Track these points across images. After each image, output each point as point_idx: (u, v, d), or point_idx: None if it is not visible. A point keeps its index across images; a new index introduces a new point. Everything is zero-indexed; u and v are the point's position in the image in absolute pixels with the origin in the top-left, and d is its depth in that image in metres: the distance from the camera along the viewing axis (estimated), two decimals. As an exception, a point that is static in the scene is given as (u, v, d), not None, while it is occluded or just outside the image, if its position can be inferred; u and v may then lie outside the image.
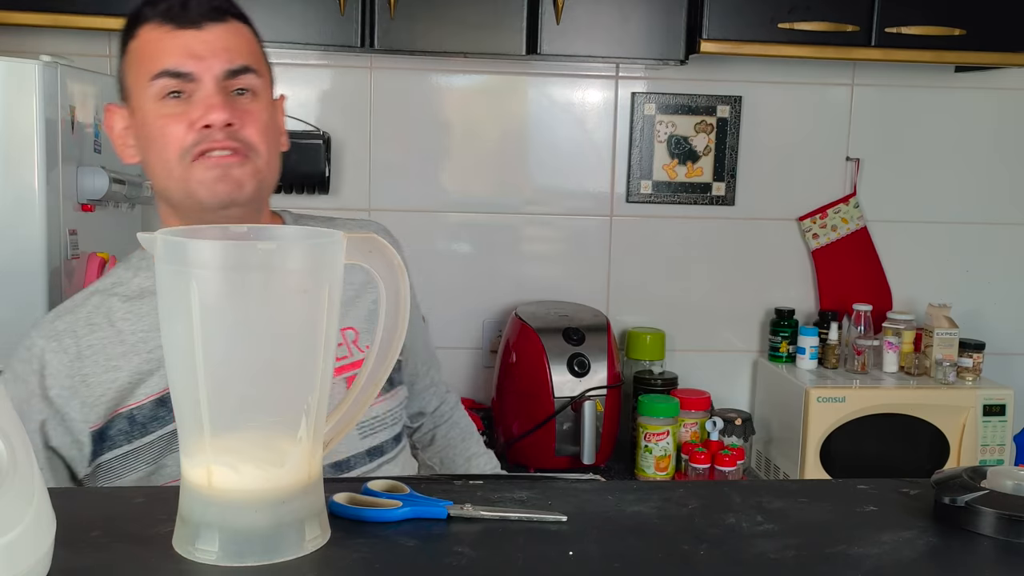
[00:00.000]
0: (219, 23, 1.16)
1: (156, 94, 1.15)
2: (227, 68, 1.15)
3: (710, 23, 2.31)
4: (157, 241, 0.76)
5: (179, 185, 1.15)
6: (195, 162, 1.14)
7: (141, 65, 1.16)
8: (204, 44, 1.14)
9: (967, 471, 0.91)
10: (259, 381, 0.77)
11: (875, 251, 2.77)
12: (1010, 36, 2.39)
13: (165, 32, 1.15)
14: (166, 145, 1.15)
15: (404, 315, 0.87)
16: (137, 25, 1.18)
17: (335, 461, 1.23)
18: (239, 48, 1.17)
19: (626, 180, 2.70)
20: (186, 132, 1.14)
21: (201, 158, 1.14)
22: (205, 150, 1.14)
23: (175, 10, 1.14)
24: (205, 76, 1.14)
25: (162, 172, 1.16)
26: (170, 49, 1.14)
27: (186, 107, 1.14)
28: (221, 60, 1.14)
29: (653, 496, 0.95)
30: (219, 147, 1.13)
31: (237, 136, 1.15)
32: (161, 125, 1.15)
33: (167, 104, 1.15)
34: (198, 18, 1.15)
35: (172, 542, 0.79)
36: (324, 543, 0.80)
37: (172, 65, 1.14)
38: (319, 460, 0.81)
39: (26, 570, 0.66)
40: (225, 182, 1.15)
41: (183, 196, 1.16)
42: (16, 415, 0.72)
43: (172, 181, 1.16)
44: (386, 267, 0.86)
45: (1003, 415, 2.47)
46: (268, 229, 0.83)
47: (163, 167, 1.16)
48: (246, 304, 0.76)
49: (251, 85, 1.17)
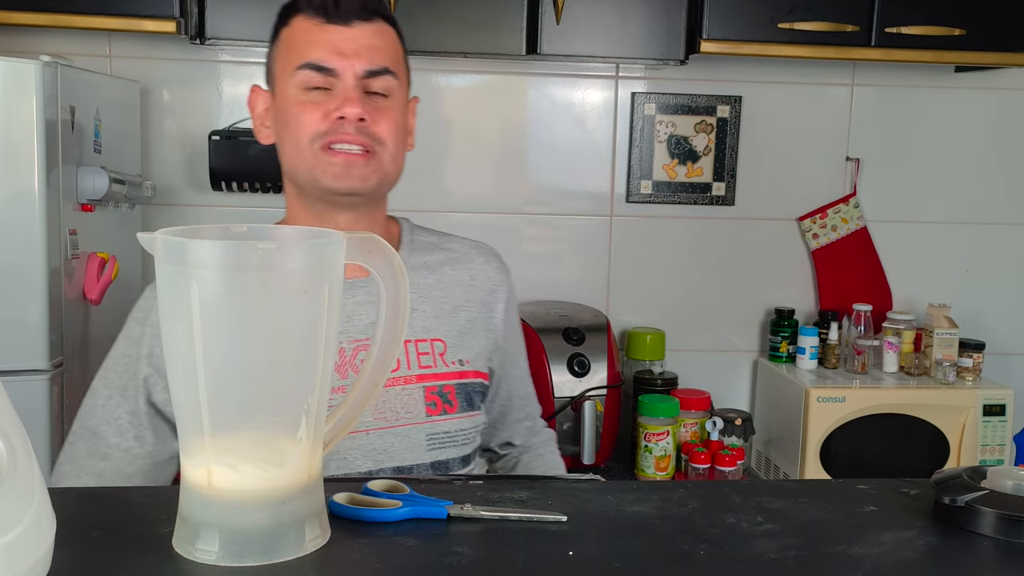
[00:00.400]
0: (367, 22, 1.22)
1: (299, 84, 1.21)
2: (368, 68, 1.20)
3: (710, 23, 2.31)
4: (157, 241, 0.76)
5: (307, 169, 1.22)
6: (323, 150, 1.20)
7: (289, 54, 1.23)
8: (350, 41, 1.20)
9: (967, 471, 0.91)
10: (259, 381, 0.77)
11: (875, 251, 2.77)
12: (1010, 36, 2.39)
13: (315, 25, 1.21)
14: (300, 129, 1.21)
15: (404, 316, 0.87)
16: (291, 15, 1.24)
17: (398, 466, 1.23)
18: (382, 49, 1.22)
19: (626, 180, 2.70)
20: (320, 120, 1.20)
21: (329, 150, 1.20)
22: (335, 141, 1.20)
23: (328, 5, 1.20)
24: (347, 73, 1.20)
25: (293, 154, 1.23)
26: (318, 43, 1.20)
27: (324, 99, 1.20)
28: (363, 60, 1.20)
29: (653, 496, 0.95)
30: (349, 140, 1.19)
31: (367, 131, 1.20)
32: (298, 111, 1.21)
33: (307, 94, 1.21)
34: (348, 15, 1.20)
35: (172, 542, 0.79)
36: (324, 543, 0.80)
37: (317, 59, 1.20)
38: (319, 460, 0.81)
39: (26, 570, 0.66)
40: (348, 176, 1.21)
41: (308, 179, 1.23)
42: (16, 415, 0.72)
43: (301, 163, 1.22)
44: (386, 267, 0.86)
45: (1003, 415, 2.47)
46: (268, 229, 0.83)
47: (295, 150, 1.22)
48: (246, 304, 0.75)
49: (388, 87, 1.23)
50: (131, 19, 2.18)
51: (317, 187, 1.23)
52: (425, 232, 1.39)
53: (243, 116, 2.55)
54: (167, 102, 2.55)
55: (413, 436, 1.23)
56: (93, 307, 2.07)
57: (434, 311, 1.29)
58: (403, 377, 1.24)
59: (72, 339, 1.98)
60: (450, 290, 1.32)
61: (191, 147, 2.56)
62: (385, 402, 1.23)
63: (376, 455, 1.21)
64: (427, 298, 1.30)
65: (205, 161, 2.48)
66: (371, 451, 1.21)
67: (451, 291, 1.32)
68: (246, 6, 2.25)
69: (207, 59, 2.54)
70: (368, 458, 1.21)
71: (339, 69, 1.20)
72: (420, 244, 1.36)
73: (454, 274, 1.33)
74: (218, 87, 2.56)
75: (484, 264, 1.36)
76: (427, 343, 1.26)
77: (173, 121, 2.56)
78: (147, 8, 2.18)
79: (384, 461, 1.22)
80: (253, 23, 2.27)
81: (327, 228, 1.24)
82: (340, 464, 1.20)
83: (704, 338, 2.78)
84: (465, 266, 1.34)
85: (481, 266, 1.35)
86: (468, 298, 1.31)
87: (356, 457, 1.21)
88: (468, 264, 1.34)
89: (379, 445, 1.22)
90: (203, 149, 2.50)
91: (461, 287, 1.32)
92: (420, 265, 1.32)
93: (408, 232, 1.37)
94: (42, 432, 1.88)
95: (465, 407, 1.28)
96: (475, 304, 1.32)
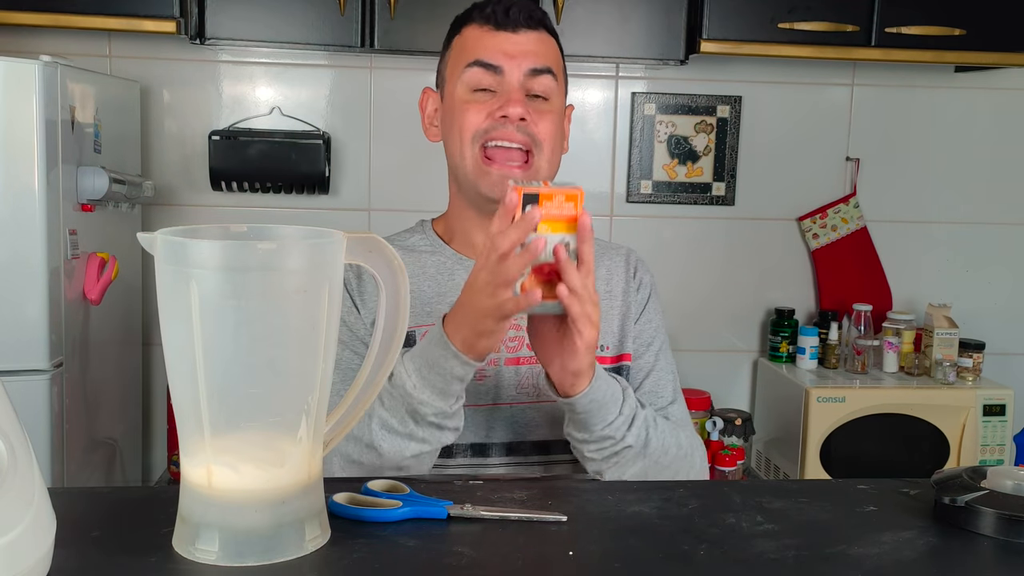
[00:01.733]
0: (532, 31, 1.31)
1: (467, 82, 1.29)
2: (531, 67, 1.29)
3: (710, 23, 2.31)
4: (157, 241, 0.76)
5: (468, 168, 1.29)
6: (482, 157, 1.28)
7: (459, 56, 1.31)
8: (516, 45, 1.29)
9: (967, 471, 0.91)
10: (259, 381, 0.77)
11: (875, 251, 2.77)
12: (1010, 36, 2.39)
13: (485, 31, 1.30)
14: (464, 127, 1.28)
15: (404, 315, 0.88)
16: (463, 24, 1.33)
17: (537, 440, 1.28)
18: (545, 53, 1.31)
19: (626, 180, 2.70)
20: (484, 119, 1.28)
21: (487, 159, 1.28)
22: (495, 137, 1.27)
23: (499, 14, 1.30)
24: (512, 72, 1.28)
25: (456, 151, 1.30)
26: (487, 45, 1.29)
27: (489, 99, 1.29)
28: (528, 60, 1.29)
29: (653, 496, 0.95)
30: (509, 139, 1.27)
31: (527, 131, 1.27)
32: (464, 109, 1.29)
33: (473, 94, 1.29)
34: (516, 23, 1.30)
35: (172, 542, 0.79)
36: (324, 543, 0.80)
37: (486, 58, 1.28)
38: (319, 460, 0.81)
39: (26, 570, 0.66)
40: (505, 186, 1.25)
41: (467, 179, 1.30)
42: (16, 415, 0.72)
43: (463, 161, 1.29)
44: (386, 267, 0.86)
45: (1003, 415, 2.47)
46: (268, 229, 0.83)
47: (458, 147, 1.29)
48: (246, 304, 0.75)
49: (548, 88, 1.30)
50: (131, 19, 2.18)
51: (475, 192, 1.30)
52: None
53: (243, 116, 2.55)
54: (167, 102, 2.55)
55: (551, 412, 1.28)
56: (93, 307, 2.07)
57: None
58: None
59: (72, 339, 1.98)
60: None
61: (191, 147, 2.56)
62: (529, 379, 1.29)
63: (518, 427, 1.28)
64: None
65: (205, 161, 2.48)
66: (513, 423, 1.28)
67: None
68: (246, 6, 2.26)
69: (207, 59, 2.54)
70: (510, 430, 1.28)
71: (505, 67, 1.28)
72: None
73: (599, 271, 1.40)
74: (218, 87, 2.56)
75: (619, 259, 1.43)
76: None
77: (173, 121, 2.56)
78: (147, 8, 2.18)
79: (525, 434, 1.28)
80: (253, 23, 2.27)
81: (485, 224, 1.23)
82: (489, 433, 1.27)
83: (704, 338, 2.78)
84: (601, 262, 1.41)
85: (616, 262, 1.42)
86: (608, 289, 1.38)
87: (500, 428, 1.27)
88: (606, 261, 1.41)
89: (522, 418, 1.28)
90: (203, 149, 2.50)
91: (600, 280, 1.37)
92: None
93: None
94: (42, 432, 1.88)
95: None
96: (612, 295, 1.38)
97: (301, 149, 2.47)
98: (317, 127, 2.56)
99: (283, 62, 2.57)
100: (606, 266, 1.39)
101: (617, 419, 1.15)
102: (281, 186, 2.51)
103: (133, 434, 2.51)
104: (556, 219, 1.00)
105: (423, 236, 1.39)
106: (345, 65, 2.59)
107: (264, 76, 2.58)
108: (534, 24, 1.31)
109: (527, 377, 1.29)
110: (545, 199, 1.00)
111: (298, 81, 2.58)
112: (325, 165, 2.48)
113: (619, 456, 1.17)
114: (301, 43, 2.30)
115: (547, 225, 1.00)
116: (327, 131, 2.55)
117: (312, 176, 2.49)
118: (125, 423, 2.42)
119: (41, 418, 1.87)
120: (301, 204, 2.60)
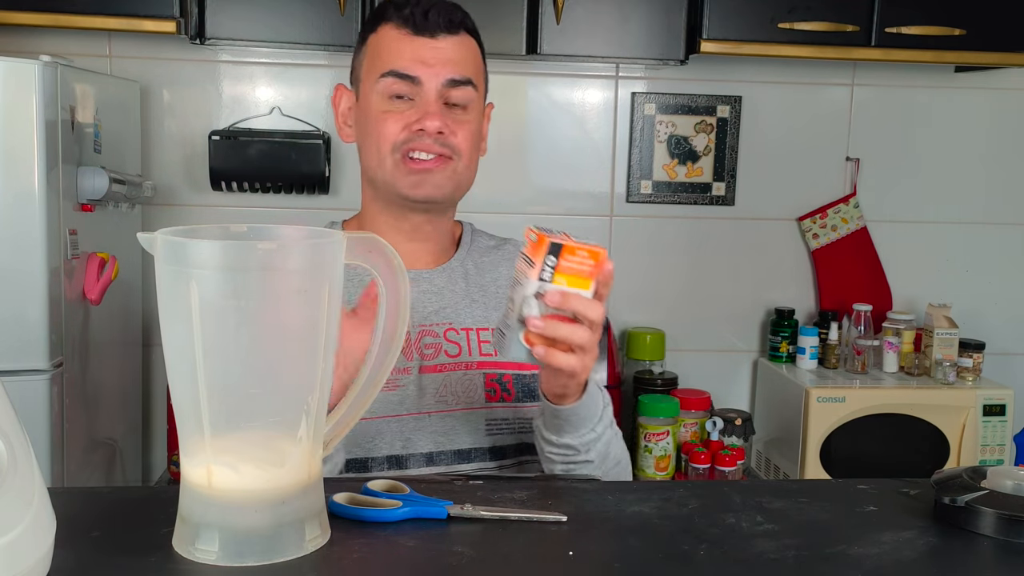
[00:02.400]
0: (452, 35, 1.27)
1: (382, 91, 1.27)
2: (450, 78, 1.26)
3: (710, 23, 2.31)
4: (157, 241, 0.76)
5: (386, 176, 1.28)
6: (403, 160, 1.26)
7: (375, 60, 1.29)
8: (434, 52, 1.26)
9: (967, 471, 0.91)
10: (259, 381, 0.77)
11: (875, 251, 2.77)
12: (1010, 36, 2.39)
13: (403, 35, 1.27)
14: (381, 138, 1.27)
15: (404, 315, 0.88)
16: (380, 21, 1.30)
17: (458, 448, 1.27)
18: (464, 61, 1.28)
19: (626, 180, 2.70)
20: (401, 130, 1.26)
21: (408, 159, 1.26)
22: (413, 149, 1.26)
23: (417, 17, 1.26)
24: (429, 83, 1.26)
25: (374, 160, 1.29)
26: (403, 52, 1.26)
27: (406, 108, 1.26)
28: (447, 70, 1.26)
29: (653, 496, 0.95)
30: (426, 150, 1.26)
31: (445, 142, 1.26)
32: (381, 119, 1.27)
33: (390, 103, 1.27)
34: (435, 28, 1.26)
35: (172, 542, 0.79)
36: (324, 543, 0.80)
37: (402, 68, 1.25)
38: (319, 460, 0.81)
39: (26, 570, 0.66)
40: (425, 185, 1.28)
41: (387, 185, 1.29)
42: (16, 415, 0.72)
43: (381, 171, 1.28)
44: (386, 267, 0.86)
45: (1003, 415, 2.47)
46: (268, 229, 0.83)
47: (376, 156, 1.28)
48: (246, 304, 0.75)
49: (466, 97, 1.28)
50: (131, 19, 2.18)
51: (395, 193, 1.29)
52: (485, 236, 1.47)
53: (243, 116, 2.55)
54: (167, 102, 2.55)
55: (473, 420, 1.27)
56: (93, 307, 2.07)
57: (493, 304, 1.35)
58: (464, 363, 1.29)
59: (72, 339, 1.98)
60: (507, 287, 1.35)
61: (191, 147, 2.56)
62: (447, 386, 1.27)
63: (437, 437, 1.26)
64: (485, 293, 1.37)
65: (205, 161, 2.48)
66: (432, 432, 1.26)
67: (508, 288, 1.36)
68: (246, 6, 2.25)
69: (207, 59, 2.54)
70: (429, 440, 1.26)
71: (422, 78, 1.25)
72: (479, 246, 1.43)
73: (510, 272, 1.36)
74: (218, 87, 2.56)
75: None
76: (488, 332, 1.32)
77: (173, 121, 2.56)
78: (147, 8, 2.18)
79: (445, 444, 1.26)
80: (253, 23, 2.27)
81: (401, 227, 1.28)
82: (405, 444, 1.24)
83: (704, 338, 2.78)
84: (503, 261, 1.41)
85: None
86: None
87: (419, 438, 1.25)
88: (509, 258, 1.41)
89: (440, 427, 1.26)
90: (203, 149, 2.50)
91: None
92: (479, 264, 1.39)
93: (469, 234, 1.44)
94: (42, 432, 1.87)
95: (522, 397, 1.31)
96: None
97: (301, 149, 2.47)
98: (317, 127, 2.56)
99: (283, 62, 2.57)
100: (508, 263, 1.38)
101: (588, 435, 1.16)
102: (281, 186, 2.51)
103: (133, 434, 2.51)
104: (573, 273, 0.98)
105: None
106: (345, 65, 2.56)
107: (264, 76, 2.58)
108: (454, 28, 1.27)
109: (445, 384, 1.27)
110: (568, 252, 0.97)
111: (298, 81, 2.58)
112: (325, 165, 2.48)
113: (576, 465, 1.18)
114: (301, 43, 2.30)
115: (563, 278, 0.98)
116: (327, 131, 2.55)
117: (312, 176, 2.49)
118: (125, 423, 2.42)
119: (41, 418, 1.87)
120: (301, 204, 2.60)
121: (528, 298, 0.98)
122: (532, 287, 0.98)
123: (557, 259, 0.97)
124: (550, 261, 0.97)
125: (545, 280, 0.98)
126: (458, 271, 1.36)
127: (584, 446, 1.16)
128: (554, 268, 0.98)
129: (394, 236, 1.29)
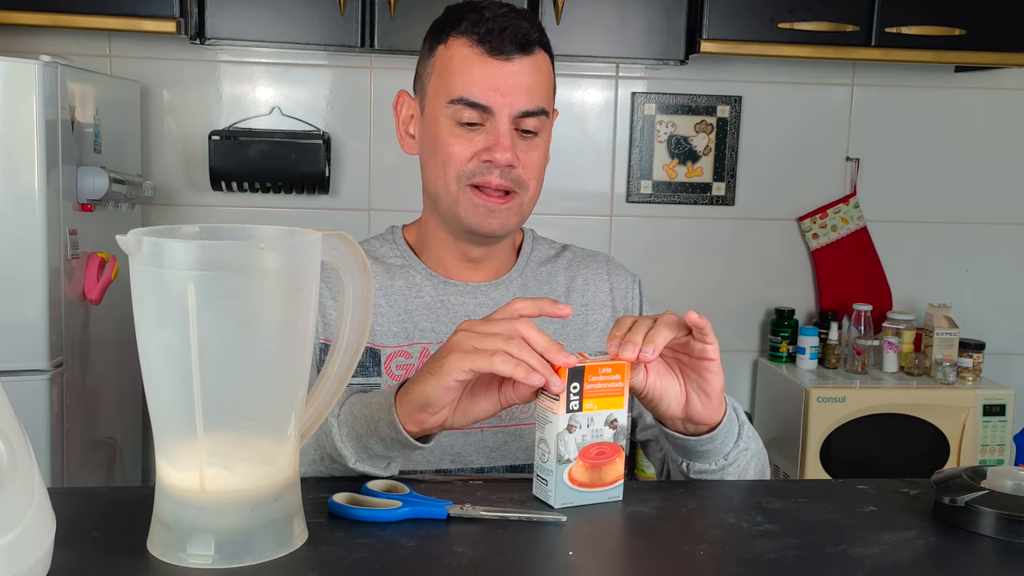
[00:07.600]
0: (527, 56, 1.20)
1: (452, 115, 1.20)
2: (524, 109, 1.20)
3: (710, 23, 2.31)
4: (137, 243, 0.75)
5: (450, 202, 1.22)
6: (469, 188, 1.20)
7: (445, 78, 1.21)
8: (508, 79, 1.18)
9: (967, 471, 0.91)
10: (247, 381, 0.77)
11: (875, 251, 2.77)
12: (1010, 36, 2.39)
13: (476, 55, 1.19)
14: (448, 162, 1.20)
15: (369, 310, 0.87)
16: (452, 30, 1.21)
17: (511, 464, 1.23)
18: (538, 88, 1.21)
19: (626, 180, 2.70)
20: (469, 159, 1.20)
21: (474, 189, 1.20)
22: (481, 183, 1.20)
23: (493, 35, 1.18)
24: (501, 113, 1.19)
25: (438, 183, 1.23)
26: (475, 77, 1.18)
27: (476, 136, 1.20)
28: (520, 100, 1.19)
29: (653, 496, 0.95)
30: (495, 184, 1.20)
31: (512, 176, 1.20)
32: (449, 143, 1.20)
33: (460, 128, 1.20)
34: (510, 49, 1.18)
35: (155, 553, 0.77)
36: (307, 537, 0.81)
37: (473, 97, 1.18)
38: (297, 455, 0.82)
39: (26, 570, 0.66)
40: (491, 220, 1.22)
41: (450, 212, 1.23)
42: (16, 415, 0.71)
43: (446, 195, 1.22)
44: (353, 265, 0.85)
45: (1003, 415, 2.47)
46: (246, 229, 0.82)
47: (441, 180, 1.22)
48: (223, 304, 0.74)
49: (539, 126, 1.22)
50: (131, 19, 2.18)
51: (457, 222, 1.23)
52: (546, 244, 1.41)
53: (243, 116, 2.55)
54: (167, 102, 2.55)
55: (526, 436, 1.23)
56: (93, 307, 2.07)
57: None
58: None
59: (72, 339, 1.98)
60: (567, 297, 1.32)
61: (191, 147, 2.56)
62: None
63: (489, 452, 1.22)
64: None
65: (205, 161, 2.48)
66: (484, 448, 1.22)
67: (568, 298, 1.32)
68: (246, 6, 2.25)
69: (207, 59, 2.54)
70: (481, 455, 1.22)
71: (494, 108, 1.18)
72: (539, 256, 1.37)
73: (568, 282, 1.34)
74: (218, 87, 2.56)
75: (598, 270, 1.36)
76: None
77: (173, 121, 2.56)
78: (147, 8, 2.18)
79: (497, 459, 1.23)
80: (253, 23, 2.27)
81: (460, 246, 1.24)
82: (455, 459, 1.21)
83: (704, 338, 2.77)
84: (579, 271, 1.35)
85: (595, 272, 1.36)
86: (583, 302, 1.32)
87: (471, 453, 1.22)
88: (583, 270, 1.35)
89: (493, 443, 1.22)
90: (203, 149, 2.50)
91: (576, 293, 1.33)
92: (537, 275, 1.34)
93: (530, 243, 1.38)
94: (42, 432, 1.87)
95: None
96: (590, 308, 1.32)
97: (301, 149, 2.47)
98: (317, 127, 2.56)
99: (283, 62, 2.57)
100: (583, 275, 1.34)
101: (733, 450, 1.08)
102: (281, 186, 2.51)
103: (133, 434, 2.51)
104: (603, 394, 0.91)
105: (393, 246, 1.31)
106: (345, 65, 2.59)
107: (264, 76, 2.58)
108: (530, 47, 1.20)
109: None
110: (591, 372, 0.90)
111: (298, 81, 2.58)
112: (325, 165, 2.48)
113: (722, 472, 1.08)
114: (301, 43, 2.30)
115: (593, 402, 0.91)
116: (327, 131, 2.55)
117: (312, 176, 2.49)
118: (125, 423, 2.42)
119: (41, 418, 1.87)
120: (301, 204, 2.60)
121: (562, 434, 0.90)
122: (562, 422, 0.90)
123: (581, 384, 0.90)
124: (574, 388, 0.89)
125: (575, 411, 0.90)
126: (516, 282, 1.30)
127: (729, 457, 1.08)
128: (580, 395, 0.90)
129: (450, 253, 1.26)
